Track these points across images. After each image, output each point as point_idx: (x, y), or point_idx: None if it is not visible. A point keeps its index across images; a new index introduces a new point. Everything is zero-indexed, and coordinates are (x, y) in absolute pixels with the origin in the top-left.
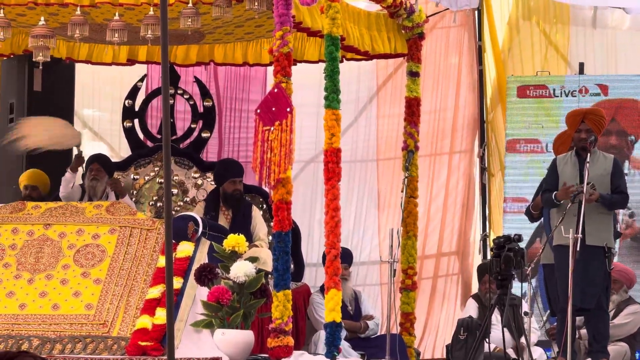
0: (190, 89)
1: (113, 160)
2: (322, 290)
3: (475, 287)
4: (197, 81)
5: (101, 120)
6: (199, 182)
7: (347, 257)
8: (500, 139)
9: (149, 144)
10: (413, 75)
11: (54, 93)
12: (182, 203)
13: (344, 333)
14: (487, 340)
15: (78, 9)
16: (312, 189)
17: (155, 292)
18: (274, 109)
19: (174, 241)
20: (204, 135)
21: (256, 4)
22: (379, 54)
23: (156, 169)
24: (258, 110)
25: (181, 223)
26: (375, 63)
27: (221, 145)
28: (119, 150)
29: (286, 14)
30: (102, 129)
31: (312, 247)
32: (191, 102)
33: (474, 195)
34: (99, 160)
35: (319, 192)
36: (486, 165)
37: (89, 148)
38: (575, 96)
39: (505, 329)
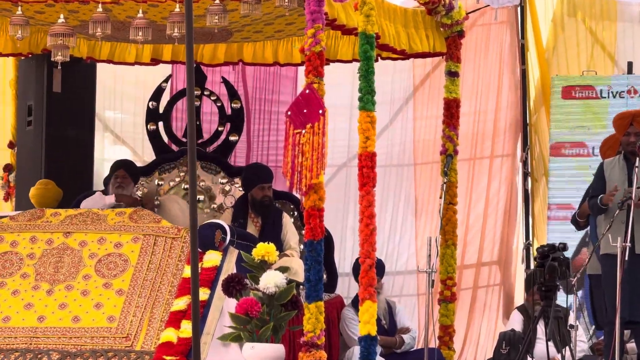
0: (218, 90)
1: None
2: (354, 304)
3: (518, 299)
4: (225, 82)
5: (123, 122)
6: (227, 188)
7: (378, 268)
8: (544, 142)
9: (174, 147)
10: (452, 75)
11: (74, 94)
12: (208, 210)
13: (378, 349)
14: (530, 354)
15: (100, 6)
16: (345, 195)
17: (181, 303)
18: (305, 110)
19: (200, 250)
20: (231, 138)
21: (286, 0)
22: (417, 53)
23: (181, 174)
24: (289, 112)
25: (208, 231)
26: (412, 62)
27: (250, 149)
28: (143, 154)
29: (318, 10)
30: (125, 132)
31: (345, 256)
32: (218, 104)
33: (517, 202)
34: (125, 166)
35: (351, 198)
36: (529, 170)
37: (111, 152)
38: (623, 97)
39: (549, 343)
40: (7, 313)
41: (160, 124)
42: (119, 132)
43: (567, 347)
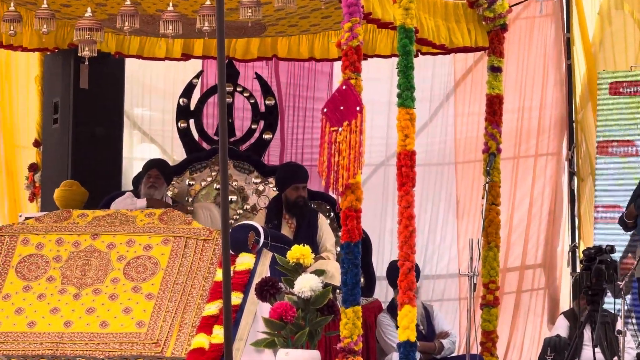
0: (251, 86)
1: None
2: (390, 309)
3: (563, 303)
4: (258, 77)
5: (152, 120)
6: (260, 188)
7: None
8: (590, 140)
9: (206, 146)
10: (495, 70)
11: (101, 91)
12: (241, 211)
13: (417, 355)
14: None
15: None
16: (383, 195)
17: (213, 308)
18: (342, 107)
19: (232, 253)
20: (265, 136)
21: None
22: (457, 48)
23: (213, 173)
24: (325, 109)
25: (240, 233)
26: (452, 56)
27: (283, 148)
28: (172, 153)
29: (355, 3)
30: (154, 129)
31: (383, 259)
32: (251, 101)
33: (562, 202)
34: (158, 166)
35: (389, 198)
36: (575, 169)
37: (140, 151)
38: None
39: (596, 349)
40: (32, 318)
41: (191, 121)
42: (148, 129)
43: (615, 354)
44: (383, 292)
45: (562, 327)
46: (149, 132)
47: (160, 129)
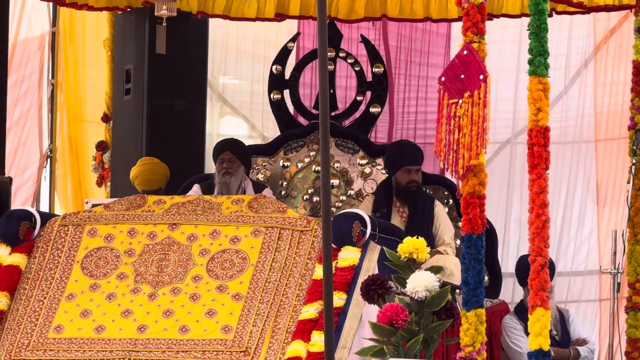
0: (355, 51)
1: (256, 142)
2: (518, 311)
3: None
4: (365, 41)
5: (240, 91)
6: (367, 170)
7: (549, 269)
8: None
9: (303, 121)
10: None
11: (181, 57)
12: (345, 197)
13: None
14: None
15: None
16: (510, 179)
17: (311, 311)
18: (462, 76)
19: (334, 246)
20: (372, 110)
21: None
22: (598, 6)
23: (312, 153)
24: (442, 79)
25: (344, 223)
26: (593, 17)
27: (392, 123)
28: (263, 129)
29: None
30: (241, 102)
31: (509, 254)
32: (356, 68)
33: None
34: (230, 147)
35: (516, 182)
36: None
37: (226, 127)
38: None
39: None
40: (101, 322)
41: (286, 92)
42: (235, 102)
43: None
44: (509, 293)
45: None
46: (235, 105)
47: (249, 101)
